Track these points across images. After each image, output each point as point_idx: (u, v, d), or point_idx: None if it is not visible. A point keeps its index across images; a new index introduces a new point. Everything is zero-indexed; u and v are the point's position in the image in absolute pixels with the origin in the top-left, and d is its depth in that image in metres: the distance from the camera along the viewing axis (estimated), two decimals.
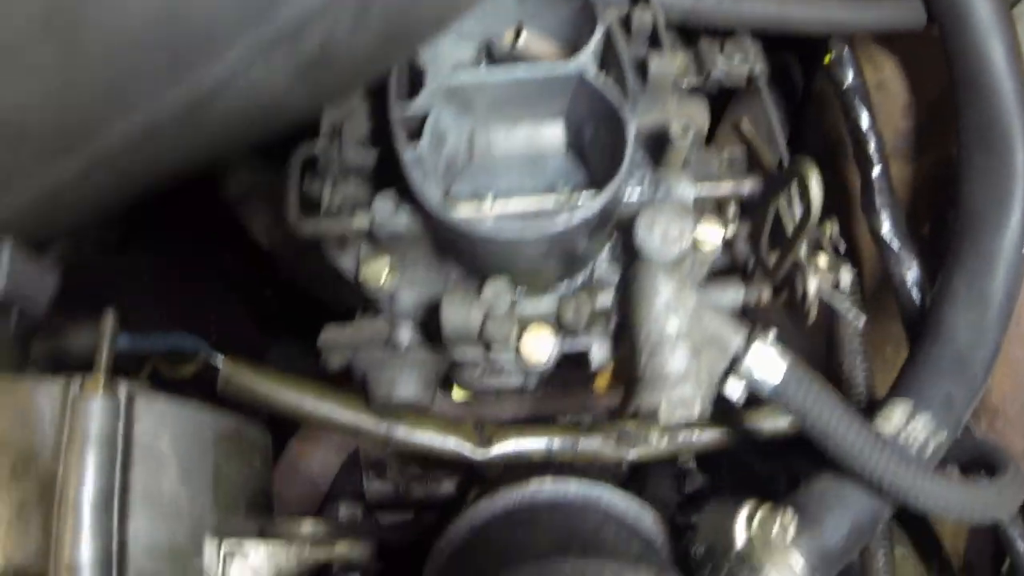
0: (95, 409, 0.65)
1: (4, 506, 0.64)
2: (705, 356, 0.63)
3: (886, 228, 0.93)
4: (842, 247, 0.79)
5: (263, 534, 0.78)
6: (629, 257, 0.67)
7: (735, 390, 0.67)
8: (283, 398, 0.85)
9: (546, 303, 0.66)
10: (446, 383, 0.95)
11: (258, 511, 0.81)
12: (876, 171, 0.93)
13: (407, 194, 0.64)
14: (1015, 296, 0.83)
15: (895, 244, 0.92)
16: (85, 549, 0.63)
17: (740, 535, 0.65)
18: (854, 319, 0.81)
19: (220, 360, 0.84)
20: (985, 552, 1.18)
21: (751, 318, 0.75)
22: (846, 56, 0.93)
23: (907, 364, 0.84)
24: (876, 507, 0.70)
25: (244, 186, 1.13)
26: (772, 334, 0.67)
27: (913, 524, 1.04)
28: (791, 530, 0.62)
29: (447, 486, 1.00)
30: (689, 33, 0.84)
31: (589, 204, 0.58)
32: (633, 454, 0.89)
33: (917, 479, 0.69)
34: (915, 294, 0.92)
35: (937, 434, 0.77)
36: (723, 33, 0.83)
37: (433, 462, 0.93)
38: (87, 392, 0.65)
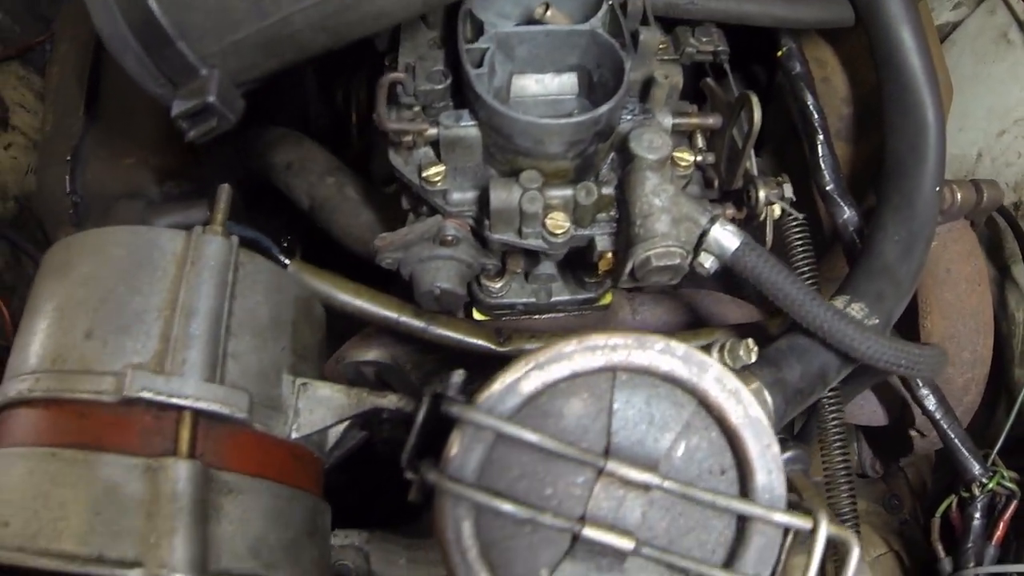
0: (215, 244, 0.94)
1: (122, 319, 0.90)
2: (683, 227, 0.98)
3: (829, 184, 1.32)
4: (792, 197, 1.17)
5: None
6: (625, 163, 1.03)
7: (706, 260, 1.02)
8: (340, 296, 1.17)
9: (566, 191, 1.00)
10: (468, 310, 1.29)
11: (320, 374, 1.07)
12: (820, 139, 1.32)
13: (466, 111, 1.01)
14: (932, 222, 1.17)
15: (836, 195, 1.30)
16: (197, 352, 0.89)
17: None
18: (798, 216, 1.16)
19: (289, 261, 1.17)
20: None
21: None
22: (794, 50, 1.34)
23: (846, 277, 1.20)
24: (824, 357, 0.99)
25: (289, 156, 1.50)
26: (731, 222, 1.03)
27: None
28: (753, 354, 0.94)
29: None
30: (668, 23, 1.26)
31: (600, 108, 0.96)
32: None
33: (854, 331, 0.99)
34: (853, 233, 1.29)
35: (870, 318, 1.10)
36: (694, 23, 1.25)
37: (453, 359, 1.24)
38: (209, 232, 0.95)
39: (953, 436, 1.22)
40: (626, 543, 0.67)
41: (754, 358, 0.94)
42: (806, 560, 0.69)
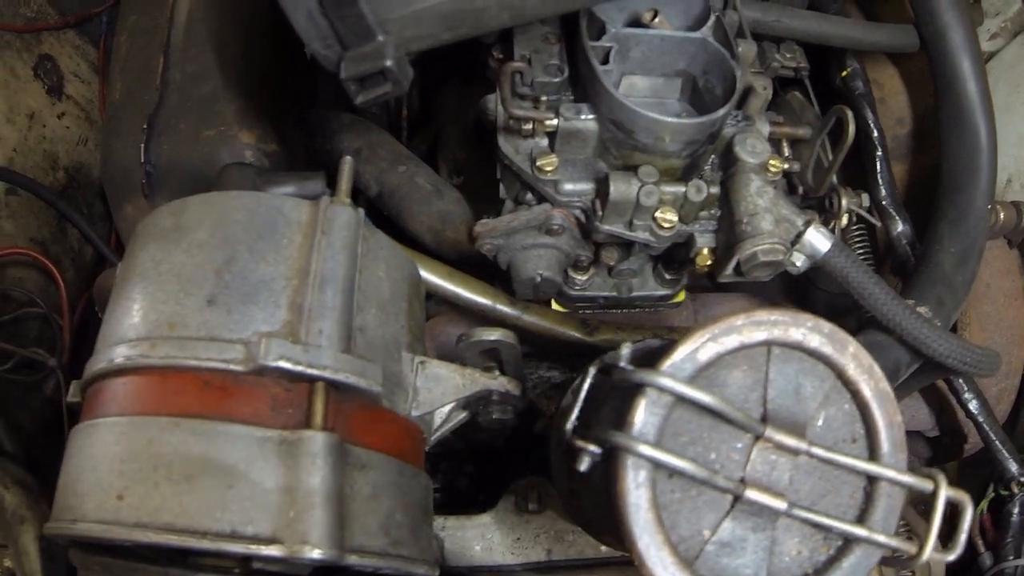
0: (345, 215, 0.96)
1: (247, 286, 0.89)
2: (782, 227, 1.11)
3: (886, 199, 1.48)
4: (873, 210, 1.31)
5: None
6: (727, 166, 1.15)
7: (798, 260, 1.15)
8: (435, 280, 1.25)
9: (679, 187, 1.09)
10: (548, 301, 1.38)
11: (425, 351, 1.09)
12: (879, 155, 1.48)
13: (586, 105, 1.11)
14: (983, 236, 1.32)
15: (892, 208, 1.46)
16: (331, 323, 0.89)
17: None
18: (876, 224, 1.30)
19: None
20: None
21: None
22: (858, 70, 1.50)
23: (905, 285, 1.35)
24: (897, 354, 1.11)
25: (358, 142, 1.57)
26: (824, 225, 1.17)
27: None
28: None
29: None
30: (755, 38, 1.40)
31: (720, 110, 1.07)
32: None
33: (928, 330, 1.12)
34: (906, 245, 1.44)
35: (934, 321, 1.26)
36: (778, 40, 1.40)
37: (545, 347, 1.32)
38: (338, 202, 0.97)
39: (993, 437, 1.38)
40: (780, 504, 0.77)
41: None
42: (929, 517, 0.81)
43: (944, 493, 0.80)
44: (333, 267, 0.95)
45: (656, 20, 1.17)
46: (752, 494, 0.76)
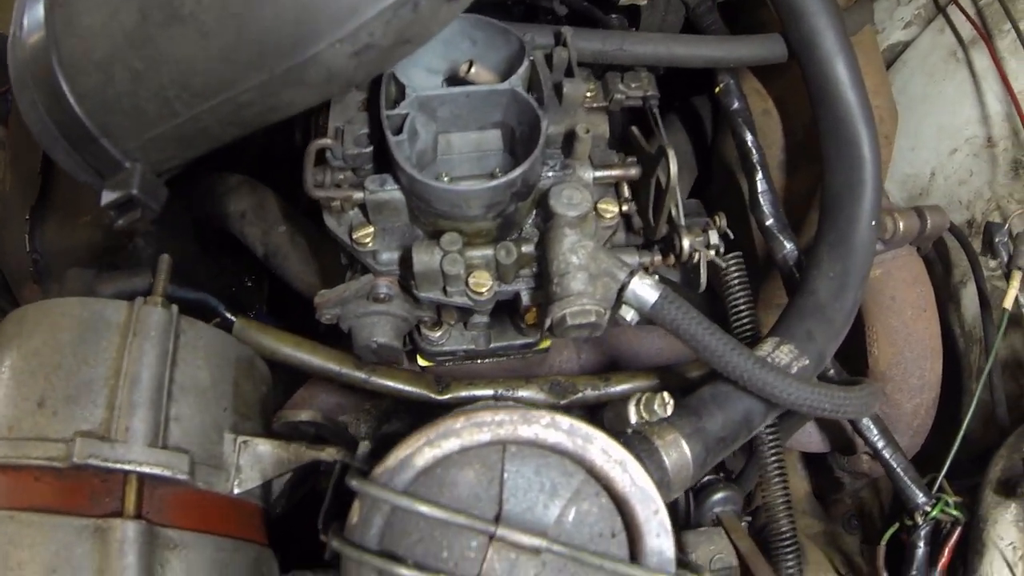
0: (155, 315, 1.03)
1: (70, 388, 0.99)
2: (600, 283, 1.04)
3: (769, 220, 1.38)
4: (729, 235, 1.23)
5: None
6: (546, 220, 1.10)
7: (627, 313, 1.09)
8: (284, 350, 1.25)
9: (487, 251, 1.05)
10: (412, 356, 1.37)
11: (263, 427, 1.15)
12: (759, 176, 1.38)
13: (390, 175, 1.08)
14: (868, 257, 1.22)
15: (776, 230, 1.36)
16: (140, 420, 0.98)
17: (632, 416, 1.04)
18: (725, 264, 1.22)
19: (235, 319, 1.25)
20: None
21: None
22: (731, 86, 1.40)
23: (779, 317, 1.27)
24: (747, 404, 1.05)
25: (243, 205, 1.58)
26: (650, 274, 1.10)
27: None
28: (669, 408, 1.01)
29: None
30: (600, 68, 1.33)
31: (514, 172, 1.03)
32: (564, 402, 1.28)
33: (774, 379, 1.06)
34: (792, 267, 1.35)
35: (799, 359, 1.15)
36: (625, 69, 1.32)
37: (397, 404, 1.32)
38: (150, 303, 1.04)
39: (895, 466, 1.28)
40: None
41: (670, 411, 1.01)
42: None
43: None
44: (141, 366, 1.03)
45: (472, 71, 1.12)
46: None
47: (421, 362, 1.32)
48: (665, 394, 1.01)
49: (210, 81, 0.83)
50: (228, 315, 1.21)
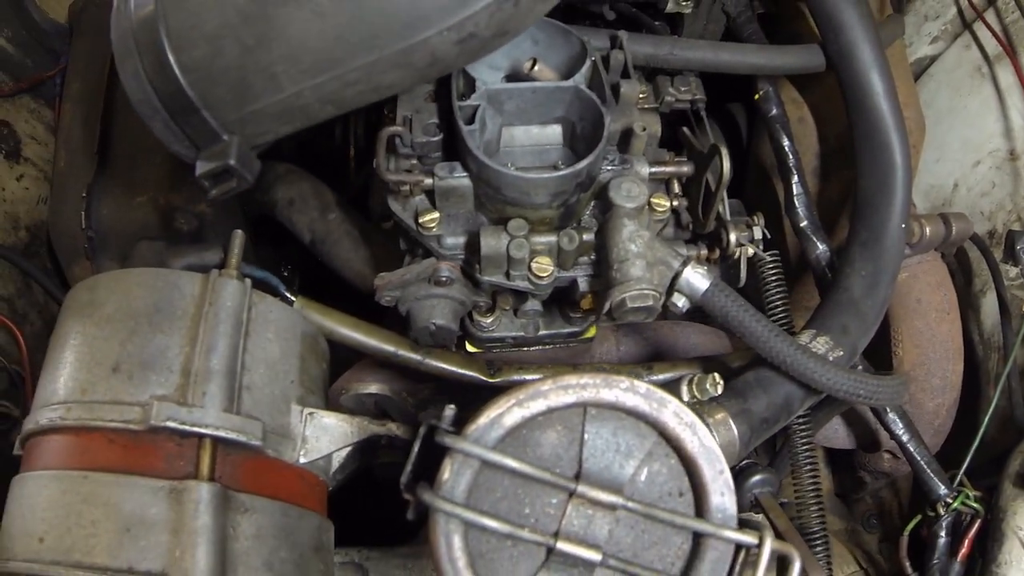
0: (231, 287, 1.08)
1: (145, 354, 1.03)
2: (656, 271, 1.13)
3: (803, 222, 1.48)
4: (767, 234, 1.33)
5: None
6: (605, 210, 1.19)
7: (678, 300, 1.18)
8: (342, 331, 1.32)
9: (550, 238, 1.14)
10: (461, 343, 1.44)
11: (324, 403, 1.21)
12: (795, 179, 1.48)
13: (459, 163, 1.17)
14: (898, 257, 1.31)
15: (809, 231, 1.46)
16: (216, 386, 1.03)
17: (684, 395, 1.13)
18: (765, 258, 1.31)
19: (295, 299, 1.32)
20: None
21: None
22: (771, 93, 1.50)
23: (815, 311, 1.36)
24: (788, 389, 1.12)
25: (292, 192, 1.66)
26: (703, 264, 1.19)
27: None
28: (719, 388, 1.10)
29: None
30: (650, 72, 1.43)
31: (581, 162, 1.11)
32: None
33: (814, 364, 1.14)
34: (824, 268, 1.45)
35: (835, 351, 1.24)
36: (674, 72, 1.42)
37: (436, 395, 1.40)
38: (225, 275, 1.09)
39: (919, 458, 1.37)
40: (594, 555, 0.82)
41: (720, 391, 1.10)
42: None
43: (768, 549, 0.83)
44: (218, 335, 1.08)
45: (535, 69, 1.20)
46: (564, 546, 0.81)
47: (470, 348, 1.40)
48: (716, 375, 1.09)
49: (320, 59, 0.90)
50: (289, 295, 1.28)
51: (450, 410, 0.86)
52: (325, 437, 1.15)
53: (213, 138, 1.00)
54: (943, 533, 1.34)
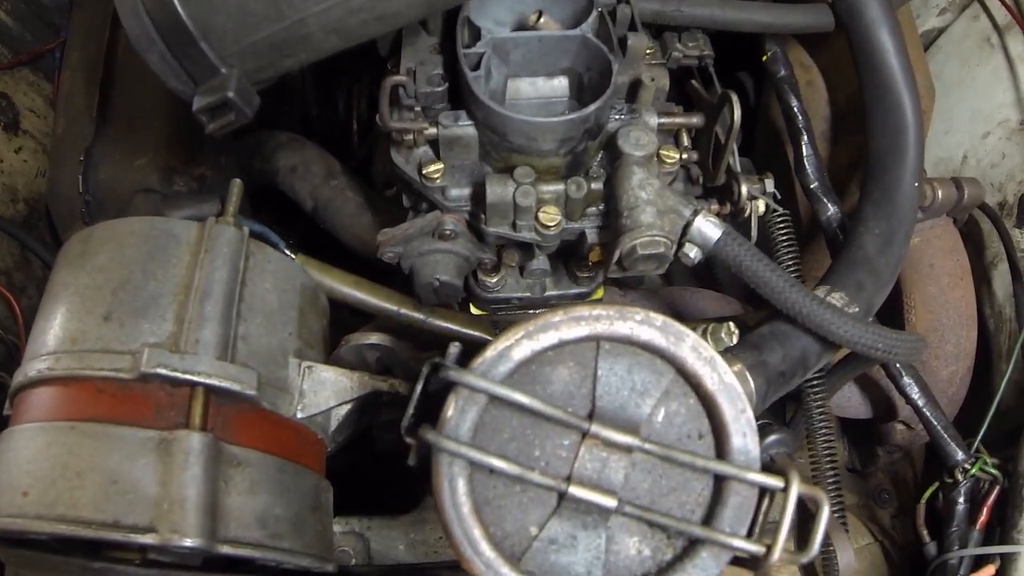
0: (228, 233, 1.05)
1: (138, 302, 0.99)
2: (667, 218, 1.08)
3: (814, 183, 1.43)
4: (777, 194, 1.28)
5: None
6: (613, 160, 1.14)
7: (690, 251, 1.13)
8: (343, 288, 1.28)
9: (558, 186, 1.11)
10: (464, 306, 1.39)
11: (323, 359, 1.16)
12: (804, 140, 1.44)
13: (464, 112, 1.12)
14: (911, 216, 1.27)
15: (820, 192, 1.41)
16: (210, 333, 0.98)
17: None
18: (779, 209, 1.26)
19: (294, 256, 1.27)
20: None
21: None
22: (779, 54, 1.46)
23: (828, 269, 1.30)
24: (804, 342, 1.08)
25: (293, 160, 1.61)
26: (714, 214, 1.14)
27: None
28: (735, 337, 1.05)
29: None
30: (656, 29, 1.38)
31: (589, 106, 1.07)
32: None
33: (832, 316, 1.10)
34: (836, 229, 1.40)
35: (850, 306, 1.19)
36: (680, 29, 1.37)
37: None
38: (222, 222, 1.05)
39: (936, 423, 1.32)
40: (609, 501, 0.77)
41: (735, 340, 1.05)
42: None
43: (795, 491, 0.78)
44: (213, 281, 1.04)
45: (541, 20, 1.16)
46: (577, 491, 0.76)
47: (474, 310, 1.35)
48: (731, 324, 1.04)
49: None
50: (287, 252, 1.23)
51: (455, 347, 0.80)
52: (324, 392, 1.10)
53: (212, 71, 0.96)
54: (961, 500, 1.28)
